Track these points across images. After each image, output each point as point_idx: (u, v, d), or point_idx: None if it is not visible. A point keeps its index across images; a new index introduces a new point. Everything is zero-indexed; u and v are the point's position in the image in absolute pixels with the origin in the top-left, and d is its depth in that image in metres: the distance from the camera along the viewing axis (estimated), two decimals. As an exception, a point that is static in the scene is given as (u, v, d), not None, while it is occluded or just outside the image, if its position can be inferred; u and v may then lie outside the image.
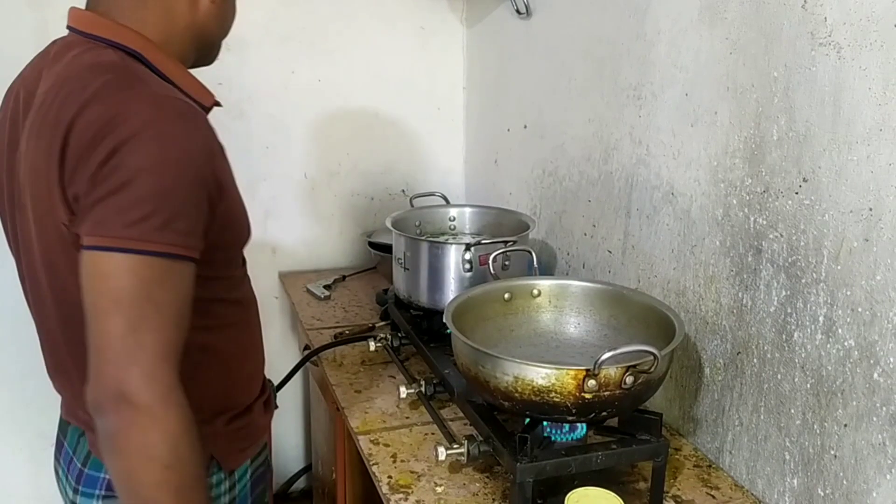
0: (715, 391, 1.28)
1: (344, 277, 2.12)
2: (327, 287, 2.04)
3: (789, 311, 1.11)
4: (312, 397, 2.16)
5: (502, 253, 1.38)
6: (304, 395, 2.33)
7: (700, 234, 1.29)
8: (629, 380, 1.05)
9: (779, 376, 1.14)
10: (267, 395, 1.17)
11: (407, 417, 1.42)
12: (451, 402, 1.40)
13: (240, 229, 1.01)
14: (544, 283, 1.36)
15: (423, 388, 1.39)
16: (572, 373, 1.04)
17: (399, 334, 1.60)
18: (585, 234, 1.66)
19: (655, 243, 1.42)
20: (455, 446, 1.19)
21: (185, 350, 0.86)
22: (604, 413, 1.09)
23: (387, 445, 1.32)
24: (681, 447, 1.32)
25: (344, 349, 1.69)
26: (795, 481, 1.12)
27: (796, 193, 1.08)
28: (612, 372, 1.04)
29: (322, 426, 1.98)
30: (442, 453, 1.18)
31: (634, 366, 1.04)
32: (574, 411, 1.07)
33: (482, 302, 1.32)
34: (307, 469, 2.37)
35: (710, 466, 1.28)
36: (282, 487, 2.35)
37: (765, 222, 1.14)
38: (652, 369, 1.04)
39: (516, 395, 1.08)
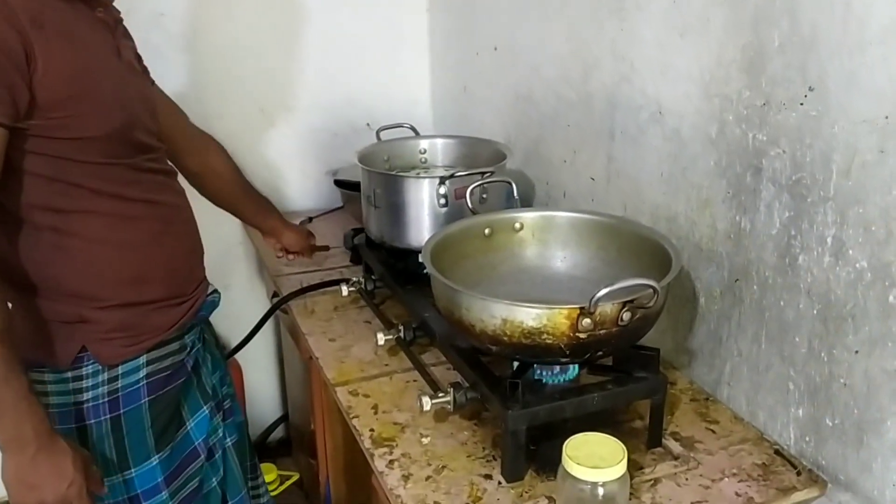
0: (711, 321, 1.21)
1: (311, 219, 2.01)
2: (324, 248, 1.93)
3: (793, 233, 1.03)
4: (285, 346, 2.07)
5: (480, 185, 1.28)
6: (277, 344, 2.24)
7: (692, 155, 1.20)
8: (626, 316, 0.97)
9: (781, 303, 1.07)
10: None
11: (386, 365, 1.33)
12: (432, 347, 1.32)
13: (98, 118, 1.03)
14: (527, 216, 1.26)
15: (401, 334, 1.30)
16: (565, 312, 0.96)
17: (372, 277, 1.51)
18: (565, 162, 1.56)
19: (642, 167, 1.32)
20: (440, 395, 1.11)
21: (35, 226, 1.03)
22: (599, 353, 1.02)
23: (366, 396, 1.24)
24: (676, 381, 1.26)
25: (315, 296, 1.59)
26: (800, 411, 1.06)
27: (801, 104, 0.99)
28: (607, 309, 0.96)
29: (297, 376, 1.90)
30: (427, 403, 1.10)
31: (632, 301, 0.96)
32: (567, 352, 0.99)
33: (461, 239, 1.22)
34: (284, 418, 2.30)
35: (707, 400, 1.22)
36: (259, 438, 2.28)
37: (765, 138, 1.05)
38: (651, 303, 0.96)
39: (505, 338, 0.99)
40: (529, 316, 0.97)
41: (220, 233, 1.96)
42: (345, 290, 1.49)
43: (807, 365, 1.04)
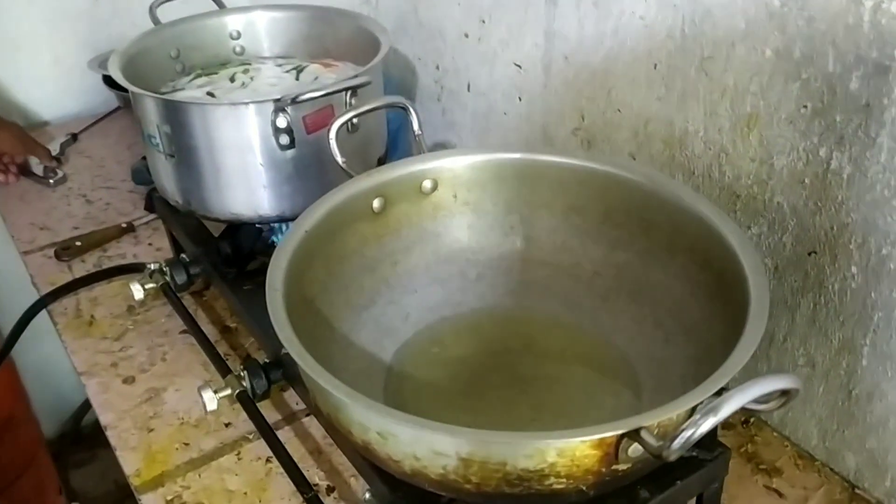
0: (754, 309, 0.75)
1: (75, 137, 1.34)
2: (55, 159, 1.26)
3: (960, 190, 0.56)
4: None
5: (350, 119, 0.70)
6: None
7: (723, 33, 0.68)
8: (703, 424, 0.48)
9: (915, 303, 0.61)
10: None
11: (227, 424, 0.80)
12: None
13: None
14: (444, 166, 0.71)
15: (245, 383, 0.75)
16: (595, 442, 0.45)
17: (183, 257, 0.92)
18: (467, 36, 0.99)
19: (618, 52, 0.79)
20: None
21: None
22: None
23: (200, 510, 0.71)
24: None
25: (96, 290, 0.99)
26: (937, 472, 0.65)
27: None
28: (672, 416, 0.47)
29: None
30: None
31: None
32: (589, 494, 0.50)
33: (332, 226, 0.66)
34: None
35: (747, 424, 0.78)
36: (69, 426, 1.71)
37: (910, 11, 0.55)
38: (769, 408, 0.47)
39: (467, 486, 0.48)
40: (520, 452, 0.46)
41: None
42: (138, 290, 0.89)
43: (962, 407, 0.61)
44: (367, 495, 0.62)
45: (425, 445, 0.47)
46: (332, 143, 0.70)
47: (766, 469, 0.74)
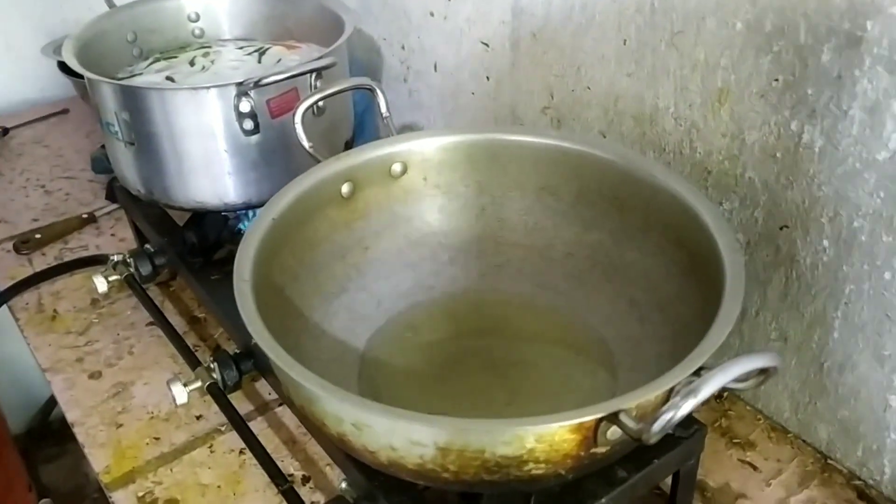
0: (727, 285, 0.75)
1: (6, 131, 1.29)
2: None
3: (931, 162, 0.56)
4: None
5: (316, 101, 0.68)
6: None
7: (691, 7, 0.67)
8: (684, 404, 0.47)
9: (888, 275, 0.61)
10: None
11: (199, 417, 0.78)
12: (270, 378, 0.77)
13: None
14: (413, 148, 0.69)
15: (216, 374, 0.74)
16: (573, 426, 0.45)
17: (147, 247, 0.89)
18: (433, 15, 0.98)
19: (587, 27, 0.78)
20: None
21: None
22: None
23: (172, 504, 0.70)
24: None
25: (58, 283, 0.97)
26: (909, 441, 0.65)
27: None
28: (651, 399, 0.46)
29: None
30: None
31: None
32: (569, 478, 0.50)
33: (301, 213, 0.64)
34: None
35: (720, 399, 0.78)
36: (37, 421, 1.68)
37: (880, -20, 0.54)
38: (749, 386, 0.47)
39: (445, 474, 0.48)
40: (498, 439, 0.45)
41: None
42: (102, 283, 0.87)
43: (934, 378, 0.62)
44: (344, 485, 0.61)
45: (401, 435, 0.46)
46: (298, 127, 0.68)
47: (740, 443, 0.74)
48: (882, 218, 0.60)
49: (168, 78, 0.87)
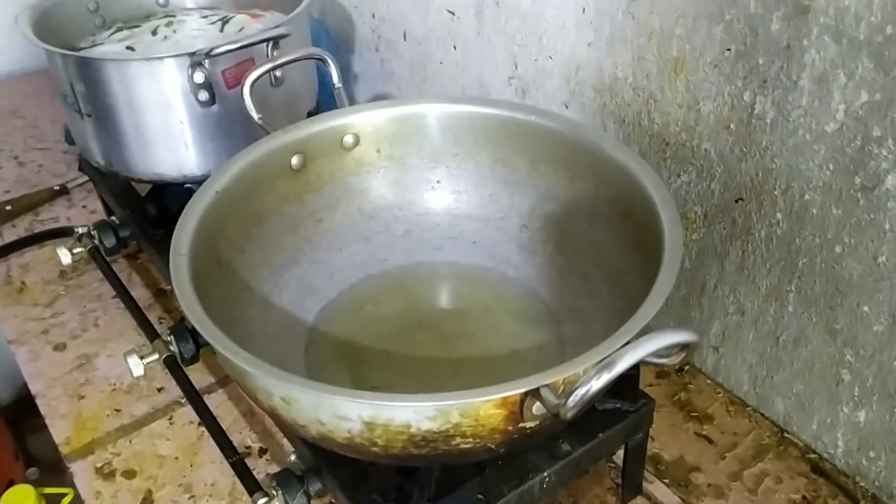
0: (685, 258, 0.74)
1: None
2: None
3: (877, 133, 0.55)
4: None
5: (267, 72, 0.67)
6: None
7: (649, -23, 0.66)
8: (607, 377, 0.47)
9: (838, 248, 0.61)
10: None
11: (160, 389, 0.79)
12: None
13: None
14: (365, 120, 0.69)
15: (174, 347, 0.74)
16: (497, 401, 0.44)
17: (112, 219, 0.89)
18: (401, -18, 0.96)
19: (546, -4, 0.77)
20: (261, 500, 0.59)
21: None
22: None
23: (129, 476, 0.70)
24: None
25: (27, 255, 0.97)
26: (861, 414, 0.65)
27: None
28: (574, 374, 0.46)
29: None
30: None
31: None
32: (500, 451, 0.50)
33: (247, 185, 0.64)
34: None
35: (681, 373, 0.78)
36: (25, 391, 1.69)
37: (828, -53, 0.53)
38: (676, 361, 0.46)
39: (375, 448, 0.48)
40: (421, 415, 0.45)
41: None
42: (65, 255, 0.87)
43: (882, 351, 0.61)
44: (293, 457, 0.61)
45: (328, 410, 0.46)
46: (247, 98, 0.67)
47: (698, 416, 0.74)
48: (832, 190, 0.59)
49: (129, 48, 0.86)
